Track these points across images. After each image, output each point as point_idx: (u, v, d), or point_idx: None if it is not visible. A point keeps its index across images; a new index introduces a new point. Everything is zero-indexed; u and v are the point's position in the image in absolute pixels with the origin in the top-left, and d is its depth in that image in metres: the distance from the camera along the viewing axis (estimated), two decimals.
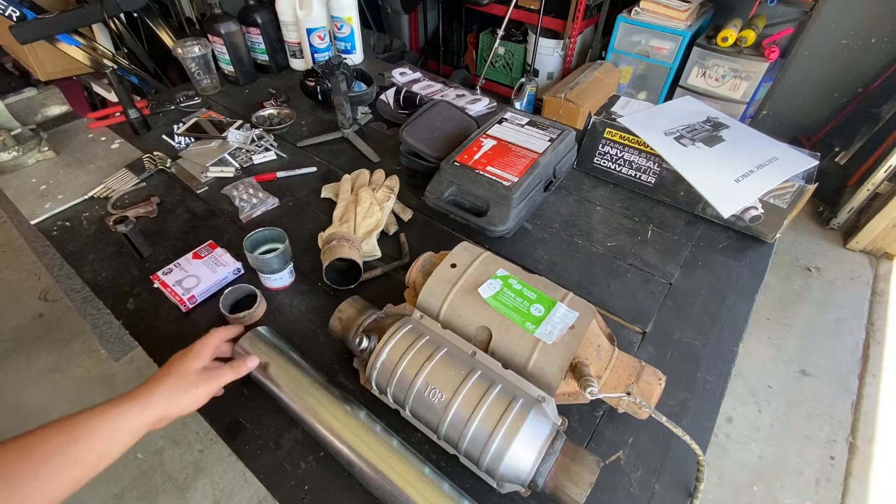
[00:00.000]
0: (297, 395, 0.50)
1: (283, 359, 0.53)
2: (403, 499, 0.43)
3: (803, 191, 0.70)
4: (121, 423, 0.40)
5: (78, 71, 1.61)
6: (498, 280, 0.55)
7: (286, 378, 0.51)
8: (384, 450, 0.46)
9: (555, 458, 0.43)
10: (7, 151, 0.88)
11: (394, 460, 0.45)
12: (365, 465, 0.45)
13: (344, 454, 0.46)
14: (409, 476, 0.44)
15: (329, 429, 0.48)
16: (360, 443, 0.46)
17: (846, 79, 1.91)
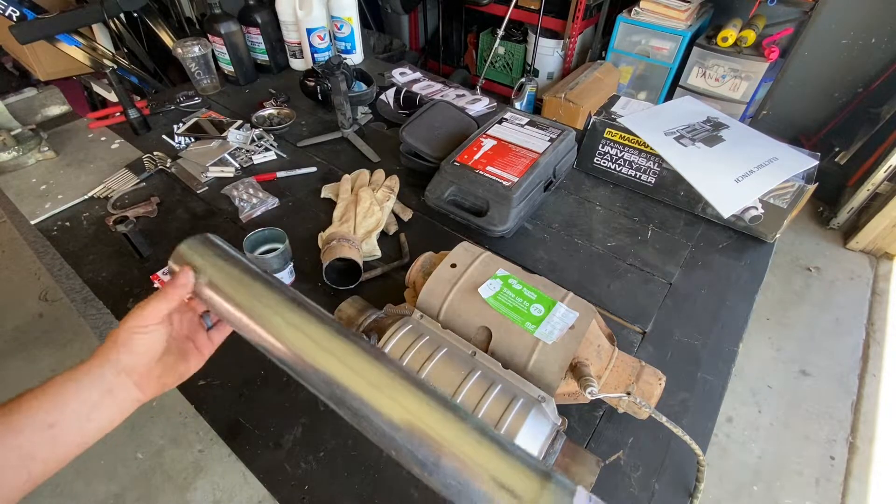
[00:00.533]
0: (255, 309, 0.36)
1: (233, 267, 0.38)
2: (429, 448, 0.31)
3: (803, 191, 0.70)
4: (68, 384, 0.32)
5: (78, 71, 1.61)
6: (498, 280, 0.55)
7: (238, 288, 0.37)
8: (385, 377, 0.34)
9: (555, 458, 0.43)
10: (7, 151, 0.88)
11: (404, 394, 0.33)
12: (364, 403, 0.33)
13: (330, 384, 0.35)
14: (433, 418, 0.31)
15: (301, 351, 0.36)
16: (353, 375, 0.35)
17: (846, 79, 1.91)
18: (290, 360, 0.36)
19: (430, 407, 0.32)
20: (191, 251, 0.39)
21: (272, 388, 0.57)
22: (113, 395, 0.34)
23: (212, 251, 0.39)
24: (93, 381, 0.33)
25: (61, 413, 0.32)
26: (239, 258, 0.39)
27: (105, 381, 0.33)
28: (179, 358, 0.38)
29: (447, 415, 0.31)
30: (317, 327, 0.36)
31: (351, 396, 0.33)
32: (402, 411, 0.31)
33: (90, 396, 0.33)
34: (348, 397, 0.34)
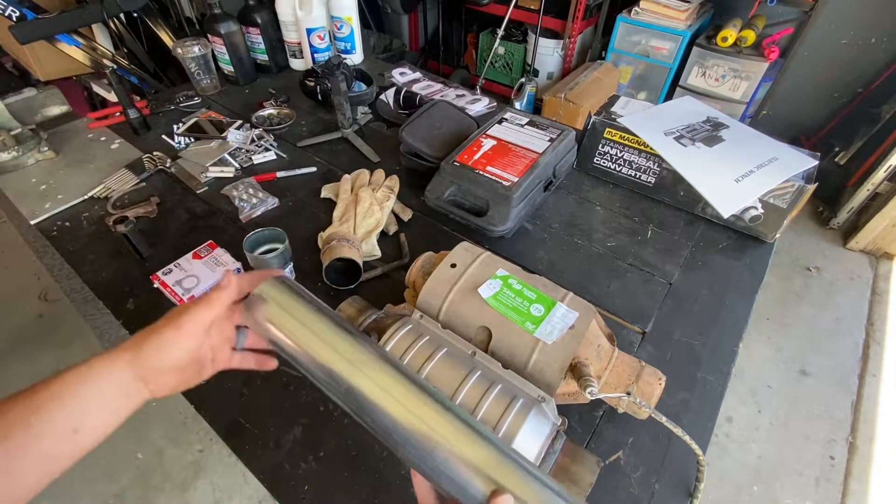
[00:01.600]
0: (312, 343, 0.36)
1: (296, 302, 0.38)
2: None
3: (803, 191, 0.70)
4: (89, 386, 0.31)
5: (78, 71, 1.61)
6: (498, 280, 0.55)
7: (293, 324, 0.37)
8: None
9: (555, 459, 0.43)
10: (7, 151, 0.88)
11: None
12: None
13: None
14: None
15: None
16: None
17: (846, 79, 1.91)
18: (326, 375, 0.36)
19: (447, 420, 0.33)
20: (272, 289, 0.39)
21: (272, 388, 0.57)
22: (129, 397, 0.33)
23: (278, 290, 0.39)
24: (112, 385, 0.32)
25: (84, 417, 0.31)
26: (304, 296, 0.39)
27: (124, 386, 0.33)
28: (199, 369, 0.37)
29: (468, 432, 0.33)
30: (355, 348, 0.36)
31: (377, 412, 0.34)
32: (423, 427, 0.33)
33: (110, 400, 0.32)
34: (375, 413, 0.34)
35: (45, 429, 0.29)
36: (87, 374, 0.31)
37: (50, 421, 0.29)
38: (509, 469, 0.31)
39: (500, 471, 0.31)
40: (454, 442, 0.32)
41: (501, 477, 0.30)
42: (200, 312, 0.33)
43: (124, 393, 0.32)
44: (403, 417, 0.33)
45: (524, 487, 0.30)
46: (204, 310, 0.33)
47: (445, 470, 0.31)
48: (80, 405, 0.31)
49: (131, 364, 0.33)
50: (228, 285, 0.34)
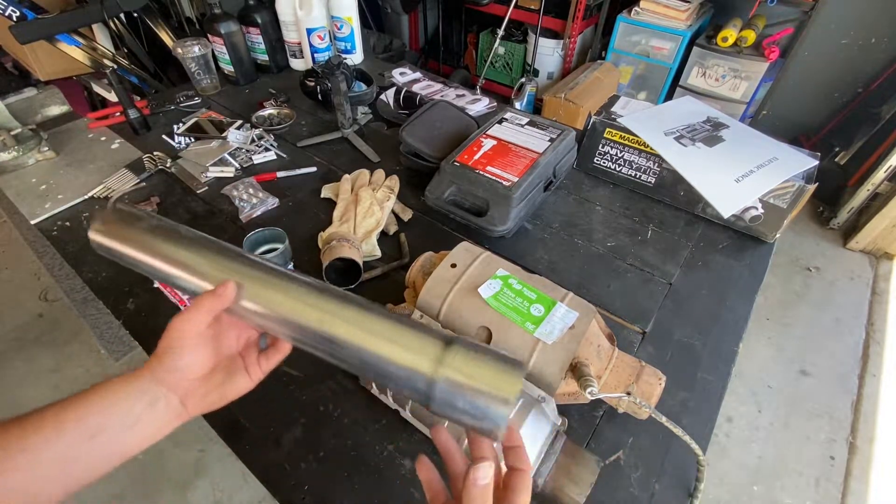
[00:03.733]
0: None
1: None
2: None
3: (803, 191, 0.70)
4: (113, 390, 0.32)
5: (78, 71, 1.61)
6: (498, 280, 0.55)
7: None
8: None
9: (555, 458, 0.43)
10: (7, 151, 0.88)
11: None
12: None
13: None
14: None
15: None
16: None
17: (846, 79, 1.91)
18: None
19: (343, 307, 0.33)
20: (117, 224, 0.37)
21: (272, 388, 0.57)
22: (155, 408, 0.33)
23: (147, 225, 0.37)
24: (136, 394, 0.32)
25: (105, 423, 0.31)
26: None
27: (148, 395, 0.33)
28: (227, 377, 0.37)
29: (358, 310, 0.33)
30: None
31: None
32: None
33: (133, 409, 0.32)
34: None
35: (69, 426, 0.30)
36: (116, 382, 0.32)
37: (75, 419, 0.30)
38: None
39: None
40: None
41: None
42: (190, 315, 0.33)
43: (148, 402, 0.32)
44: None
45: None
46: (193, 313, 0.33)
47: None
48: (105, 408, 0.31)
49: (151, 370, 0.33)
50: (223, 294, 0.34)
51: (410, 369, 0.30)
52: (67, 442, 0.30)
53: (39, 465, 0.29)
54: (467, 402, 0.28)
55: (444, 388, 0.29)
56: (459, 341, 0.31)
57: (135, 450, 0.33)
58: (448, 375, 0.29)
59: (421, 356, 0.30)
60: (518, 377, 0.29)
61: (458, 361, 0.29)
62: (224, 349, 0.37)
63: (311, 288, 0.34)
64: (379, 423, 0.54)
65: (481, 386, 0.28)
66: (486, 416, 0.28)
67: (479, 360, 0.29)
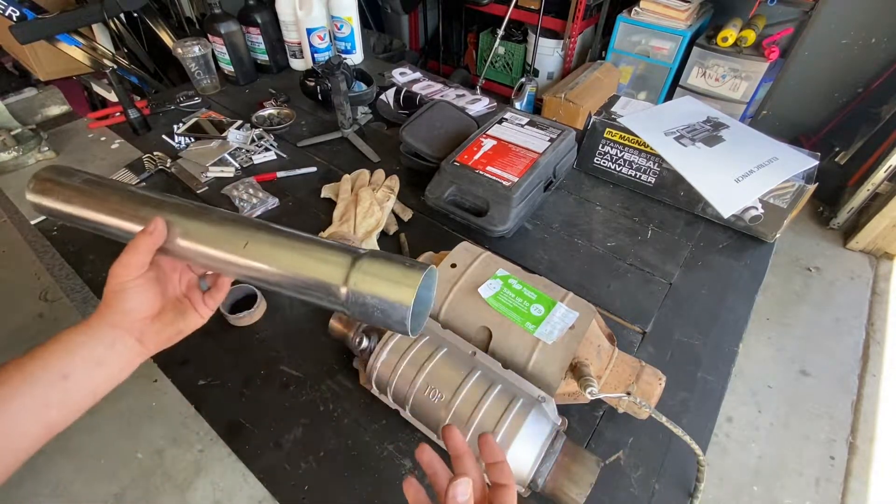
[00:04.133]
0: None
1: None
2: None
3: (803, 191, 0.70)
4: (73, 336, 0.34)
5: (78, 71, 1.61)
6: (498, 280, 0.55)
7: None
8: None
9: (555, 458, 0.43)
10: (7, 151, 0.88)
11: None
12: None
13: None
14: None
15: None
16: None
17: (846, 79, 1.91)
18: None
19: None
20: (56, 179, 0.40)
21: (272, 388, 0.57)
22: (115, 349, 0.35)
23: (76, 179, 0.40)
24: (95, 337, 0.35)
25: (72, 364, 0.33)
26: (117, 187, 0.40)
27: (105, 337, 0.35)
28: (177, 315, 0.39)
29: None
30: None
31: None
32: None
33: (94, 350, 0.34)
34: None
35: (38, 373, 0.32)
36: (73, 329, 0.35)
37: (43, 366, 0.32)
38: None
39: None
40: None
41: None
42: (127, 258, 0.36)
43: (108, 344, 0.35)
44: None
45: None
46: (129, 255, 0.36)
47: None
48: (68, 354, 0.33)
49: (101, 316, 0.36)
50: (154, 230, 0.36)
51: (325, 279, 0.33)
52: (41, 386, 0.32)
53: (13, 414, 0.30)
54: (375, 297, 0.31)
55: (354, 290, 0.32)
56: (369, 252, 0.34)
57: (104, 389, 0.35)
58: (357, 278, 0.32)
59: (334, 265, 0.33)
60: (419, 271, 0.32)
61: (365, 265, 0.32)
62: (169, 291, 0.39)
63: (231, 218, 0.37)
64: (379, 423, 0.54)
65: (385, 282, 0.32)
66: (393, 308, 0.31)
67: (384, 262, 0.33)
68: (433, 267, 0.34)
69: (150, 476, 1.26)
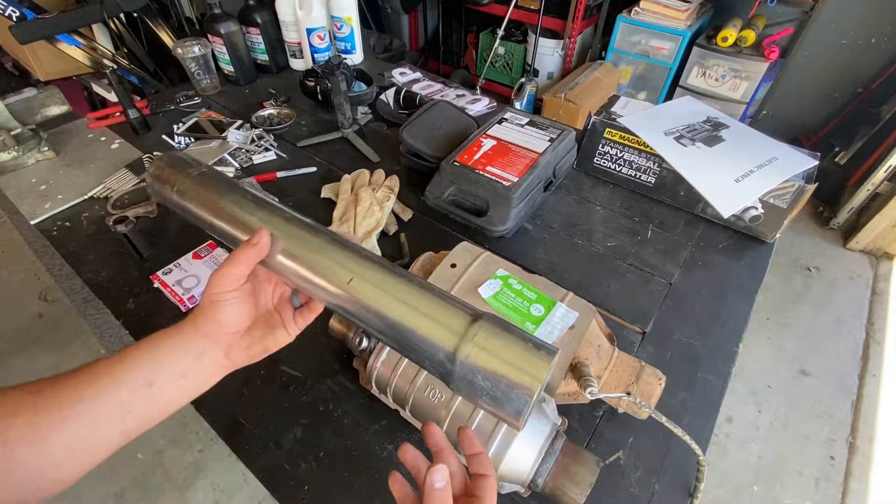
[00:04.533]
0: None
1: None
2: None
3: (803, 191, 0.70)
4: (163, 342, 0.33)
5: (78, 71, 1.61)
6: (498, 280, 0.55)
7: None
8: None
9: (555, 458, 0.43)
10: (7, 151, 0.88)
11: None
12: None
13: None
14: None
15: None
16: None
17: (846, 79, 1.91)
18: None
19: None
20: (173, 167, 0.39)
21: (272, 388, 0.57)
22: (202, 360, 0.34)
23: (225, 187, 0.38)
24: (184, 346, 0.34)
25: (157, 372, 0.33)
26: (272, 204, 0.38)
27: (195, 347, 0.34)
28: (267, 331, 0.38)
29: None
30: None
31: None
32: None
33: (182, 360, 0.34)
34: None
35: (125, 376, 0.31)
36: (163, 335, 0.34)
37: (130, 370, 0.32)
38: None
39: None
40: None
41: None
42: (228, 268, 0.34)
43: (193, 352, 0.34)
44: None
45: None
46: (231, 266, 0.34)
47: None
48: (155, 360, 0.33)
49: (194, 324, 0.34)
50: (257, 243, 0.34)
51: (433, 341, 0.29)
52: (125, 390, 0.31)
53: (97, 414, 0.30)
54: (488, 380, 0.27)
55: (465, 364, 0.27)
56: (487, 317, 0.29)
57: (185, 399, 0.35)
58: (470, 350, 0.27)
59: (445, 328, 0.29)
60: (547, 359, 0.27)
61: (481, 337, 0.27)
62: (262, 303, 0.38)
63: (342, 244, 0.34)
64: (379, 423, 0.54)
65: (504, 363, 0.27)
66: (507, 398, 0.26)
67: (505, 337, 0.28)
68: (559, 350, 0.29)
69: (150, 476, 1.26)
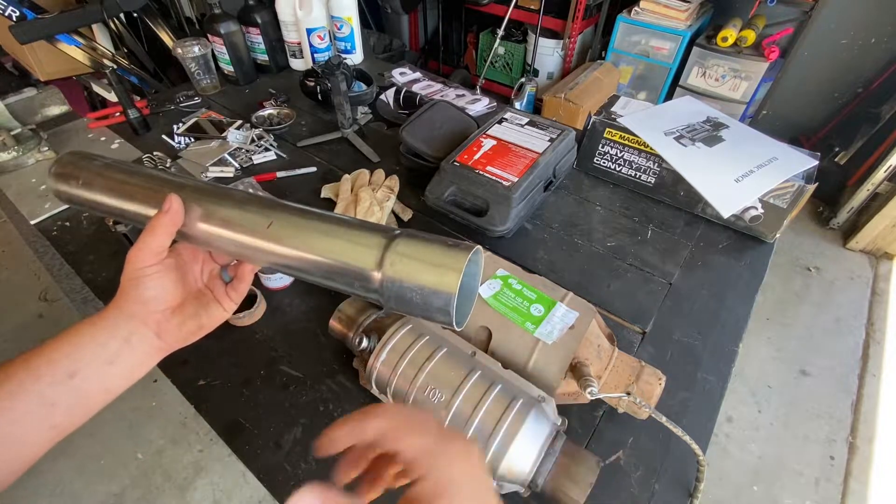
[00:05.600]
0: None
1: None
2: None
3: (803, 191, 0.70)
4: (85, 330, 0.31)
5: (78, 71, 1.61)
6: (498, 280, 0.55)
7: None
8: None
9: (555, 458, 0.43)
10: (7, 151, 0.88)
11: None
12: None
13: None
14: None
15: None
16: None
17: (846, 79, 1.91)
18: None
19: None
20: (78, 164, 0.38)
21: (272, 388, 0.57)
22: (131, 343, 0.32)
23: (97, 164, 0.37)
24: (109, 330, 0.32)
25: (79, 361, 0.31)
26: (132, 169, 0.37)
27: (120, 331, 0.32)
28: (200, 308, 0.36)
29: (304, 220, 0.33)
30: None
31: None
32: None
33: (108, 345, 0.32)
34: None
35: (44, 370, 0.30)
36: (84, 323, 0.32)
37: (48, 362, 0.30)
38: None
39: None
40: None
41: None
42: (144, 240, 0.32)
43: (123, 338, 0.32)
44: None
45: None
46: (147, 237, 0.32)
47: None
48: (76, 349, 0.31)
49: (117, 306, 0.32)
50: (169, 209, 0.32)
51: (357, 262, 0.30)
52: (45, 384, 0.29)
53: (17, 412, 0.28)
54: (413, 283, 0.28)
55: (390, 276, 0.29)
56: (405, 231, 0.30)
57: (119, 387, 0.33)
58: (392, 259, 0.29)
59: (365, 248, 0.30)
60: (463, 252, 0.28)
61: (402, 245, 0.29)
62: (190, 282, 0.36)
63: (255, 199, 0.34)
64: None
65: (425, 264, 0.28)
66: (435, 295, 0.28)
67: (423, 243, 0.29)
68: (478, 247, 0.30)
69: (150, 476, 1.26)
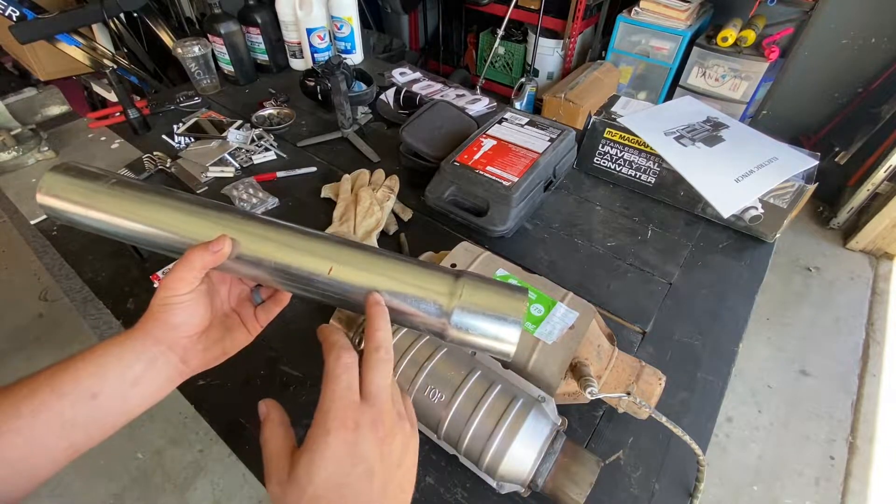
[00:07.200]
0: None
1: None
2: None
3: (803, 191, 0.70)
4: (110, 350, 0.31)
5: (78, 71, 1.61)
6: None
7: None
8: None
9: (555, 458, 0.43)
10: (7, 151, 0.88)
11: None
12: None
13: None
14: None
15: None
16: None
17: (846, 79, 1.91)
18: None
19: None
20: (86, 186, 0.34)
21: (272, 388, 0.57)
22: (155, 366, 0.32)
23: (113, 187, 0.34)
24: (134, 353, 0.32)
25: (104, 381, 0.30)
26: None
27: (146, 353, 0.32)
28: (225, 332, 0.36)
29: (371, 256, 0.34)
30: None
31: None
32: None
33: (132, 367, 0.31)
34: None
35: (68, 388, 0.30)
36: (110, 342, 0.32)
37: (73, 380, 0.30)
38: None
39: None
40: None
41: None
42: (181, 272, 0.32)
43: (148, 361, 0.32)
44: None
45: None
46: (184, 270, 0.32)
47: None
48: (101, 369, 0.31)
49: (145, 329, 0.32)
50: (219, 251, 0.32)
51: (424, 308, 0.32)
52: (67, 403, 0.29)
53: (37, 430, 0.28)
54: (479, 329, 0.31)
55: (458, 320, 0.31)
56: (466, 275, 0.33)
57: (138, 409, 0.33)
58: (460, 304, 0.31)
59: (432, 293, 0.32)
60: (522, 299, 0.32)
61: (466, 293, 0.32)
62: (217, 306, 0.36)
63: (301, 232, 0.34)
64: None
65: (490, 312, 0.31)
66: (497, 339, 0.31)
67: (485, 289, 0.32)
68: (528, 290, 0.33)
69: (149, 476, 1.26)
